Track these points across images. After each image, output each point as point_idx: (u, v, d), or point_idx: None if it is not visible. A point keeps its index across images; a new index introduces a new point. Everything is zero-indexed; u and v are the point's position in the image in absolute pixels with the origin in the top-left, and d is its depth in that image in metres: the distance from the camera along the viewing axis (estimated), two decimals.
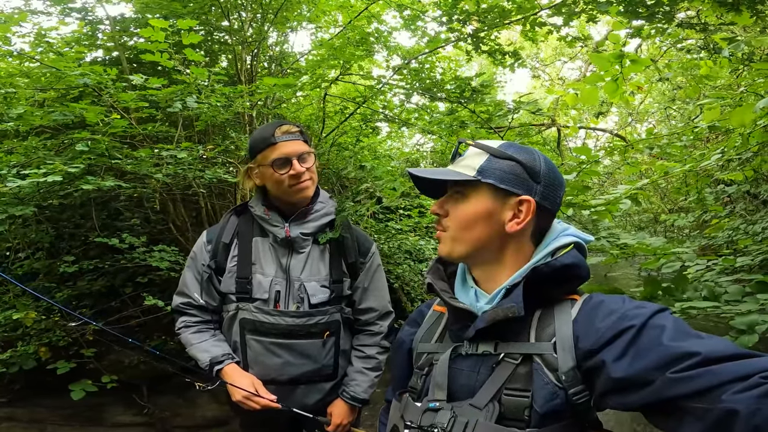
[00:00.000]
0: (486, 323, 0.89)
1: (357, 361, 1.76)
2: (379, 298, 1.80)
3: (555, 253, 0.92)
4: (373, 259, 1.81)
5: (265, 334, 1.62)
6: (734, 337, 1.70)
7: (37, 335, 3.19)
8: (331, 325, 1.67)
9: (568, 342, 0.83)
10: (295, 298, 1.64)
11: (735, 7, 2.05)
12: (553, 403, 0.81)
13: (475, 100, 2.30)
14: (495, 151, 0.95)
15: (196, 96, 2.41)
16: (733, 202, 4.70)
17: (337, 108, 3.57)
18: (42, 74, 2.52)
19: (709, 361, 0.68)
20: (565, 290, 0.92)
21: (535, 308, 0.90)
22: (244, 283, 1.64)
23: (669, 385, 0.69)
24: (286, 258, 1.67)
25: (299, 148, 1.63)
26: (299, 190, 1.64)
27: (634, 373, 0.73)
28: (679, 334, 0.74)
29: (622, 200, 2.35)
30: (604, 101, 6.40)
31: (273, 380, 1.63)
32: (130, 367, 3.98)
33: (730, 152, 2.32)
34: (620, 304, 0.84)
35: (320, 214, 1.72)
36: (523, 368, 0.85)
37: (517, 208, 0.93)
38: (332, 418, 1.67)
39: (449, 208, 0.98)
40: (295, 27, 4.00)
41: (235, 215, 1.77)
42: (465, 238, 0.95)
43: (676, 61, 5.80)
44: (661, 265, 2.32)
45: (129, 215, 3.75)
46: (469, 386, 0.90)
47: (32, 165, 2.58)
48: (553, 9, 2.39)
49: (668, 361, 0.71)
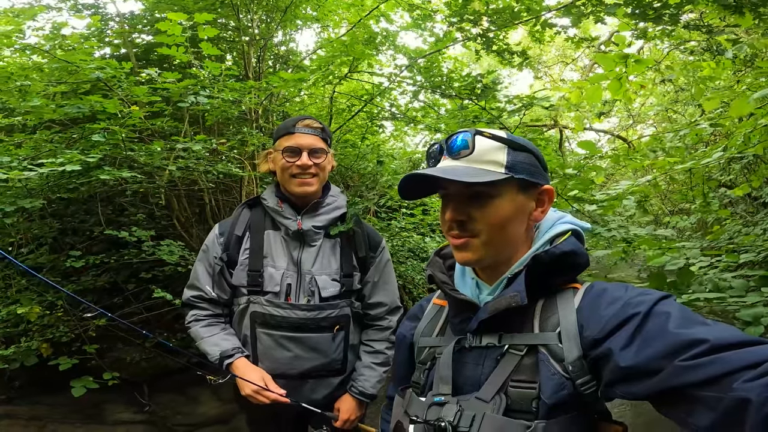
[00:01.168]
0: (489, 314, 0.88)
1: (365, 356, 1.76)
2: (388, 293, 1.81)
3: (553, 241, 0.92)
4: (383, 254, 1.82)
5: (276, 327, 1.62)
6: (740, 329, 1.73)
7: (39, 331, 3.17)
8: (341, 319, 1.68)
9: (573, 331, 0.82)
10: (306, 291, 1.64)
11: (738, 9, 2.10)
12: (560, 393, 0.80)
13: (486, 97, 2.33)
14: (512, 143, 0.91)
15: (209, 90, 2.43)
16: (734, 205, 4.75)
17: (344, 106, 3.61)
18: (54, 68, 2.54)
19: (718, 349, 0.67)
20: (566, 278, 0.91)
21: (538, 298, 0.89)
22: (255, 276, 1.64)
23: (678, 374, 0.68)
24: (297, 251, 1.68)
25: (313, 143, 1.64)
26: (300, 183, 1.64)
27: (641, 361, 0.72)
28: (685, 321, 0.73)
29: (626, 196, 2.39)
30: (606, 101, 6.46)
31: (283, 374, 1.63)
32: (132, 364, 3.97)
33: (731, 150, 2.36)
34: (623, 292, 0.83)
35: (331, 208, 1.74)
36: (529, 359, 0.84)
37: (538, 198, 0.93)
38: (340, 413, 1.67)
39: (472, 211, 0.90)
40: (302, 25, 4.04)
41: (248, 208, 1.78)
42: (500, 240, 0.91)
43: (678, 63, 5.86)
44: (665, 262, 2.35)
45: (134, 210, 3.76)
46: (473, 379, 0.89)
47: (42, 158, 2.59)
48: (562, 10, 2.44)
49: (676, 349, 0.69)
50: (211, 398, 4.02)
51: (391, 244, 4.41)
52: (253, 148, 3.01)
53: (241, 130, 3.05)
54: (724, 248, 2.94)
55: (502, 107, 2.40)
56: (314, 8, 3.96)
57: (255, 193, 3.56)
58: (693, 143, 3.37)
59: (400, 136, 5.36)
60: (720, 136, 4.14)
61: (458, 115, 2.41)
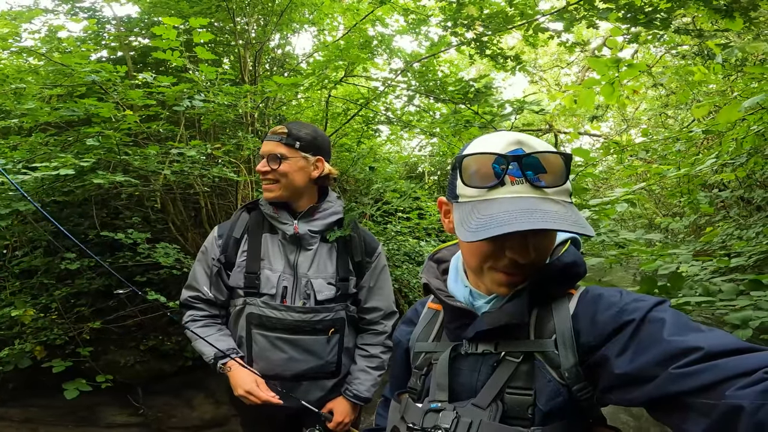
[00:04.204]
0: (487, 327, 0.87)
1: (360, 360, 1.78)
2: (384, 298, 1.82)
3: (553, 252, 0.91)
4: (379, 259, 1.84)
5: (271, 328, 1.64)
6: (728, 332, 1.75)
7: (33, 333, 3.17)
8: (336, 322, 1.70)
9: (568, 338, 0.82)
10: (302, 294, 1.66)
11: (729, 13, 2.13)
12: (556, 400, 0.81)
13: (479, 101, 2.35)
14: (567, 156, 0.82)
15: (204, 95, 2.44)
16: (727, 208, 4.78)
17: (340, 110, 3.62)
18: (50, 71, 2.54)
19: (712, 356, 0.67)
20: (564, 288, 0.90)
21: (534, 305, 0.89)
22: (252, 278, 1.66)
23: (672, 381, 0.68)
24: (294, 254, 1.70)
25: (272, 149, 1.66)
26: (264, 189, 1.69)
27: (636, 368, 0.72)
28: (679, 328, 0.73)
29: (620, 202, 2.41)
30: (599, 106, 6.51)
31: (277, 375, 1.65)
32: (126, 367, 3.95)
33: (724, 156, 2.39)
34: (618, 297, 0.83)
35: (328, 213, 1.75)
36: (525, 366, 0.84)
37: None
38: (334, 415, 1.69)
39: (533, 248, 0.83)
40: (298, 29, 4.05)
41: (247, 212, 1.80)
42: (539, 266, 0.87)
43: (670, 67, 5.91)
44: (657, 267, 2.37)
45: (129, 214, 3.76)
46: (469, 386, 0.89)
47: (36, 161, 2.59)
48: (555, 15, 2.47)
49: (670, 357, 0.69)
50: (206, 401, 4.00)
51: (387, 248, 4.42)
52: (248, 152, 3.02)
53: (236, 134, 3.06)
54: (717, 252, 2.97)
55: (494, 110, 2.42)
56: (310, 11, 3.98)
57: (251, 196, 3.57)
58: (687, 148, 3.40)
59: (396, 139, 5.37)
60: (713, 141, 4.18)
61: (451, 119, 2.43)
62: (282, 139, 1.66)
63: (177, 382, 4.00)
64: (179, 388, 4.00)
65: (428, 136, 3.23)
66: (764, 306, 1.74)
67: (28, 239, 3.41)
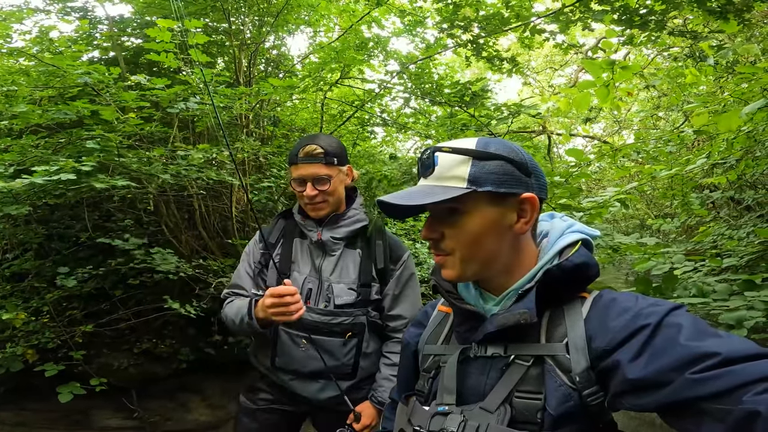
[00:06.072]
0: (496, 328, 0.86)
1: (384, 368, 1.82)
2: (409, 307, 1.85)
3: (563, 252, 0.90)
4: (405, 267, 1.86)
5: (294, 326, 1.72)
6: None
7: (25, 337, 3.13)
8: (355, 326, 1.75)
9: (581, 342, 0.81)
10: (324, 297, 1.75)
11: (722, 15, 2.15)
12: (566, 405, 0.79)
13: (475, 104, 2.35)
14: (478, 153, 0.87)
15: (200, 97, 2.42)
16: (718, 209, 4.83)
17: (335, 111, 3.61)
18: (41, 72, 2.51)
19: (730, 362, 0.66)
20: (575, 290, 0.89)
21: (545, 308, 0.87)
22: (282, 279, 1.72)
23: (688, 387, 0.67)
24: (319, 259, 1.79)
25: (316, 171, 1.71)
26: (312, 209, 1.76)
27: (650, 373, 0.71)
28: (697, 333, 0.71)
29: (612, 203, 2.43)
30: (592, 108, 6.56)
31: (295, 371, 1.74)
32: (120, 370, 3.91)
33: (715, 157, 2.41)
34: (634, 302, 0.81)
35: (352, 220, 1.81)
36: (535, 370, 0.83)
37: (519, 207, 0.88)
38: (362, 417, 1.74)
39: (444, 229, 0.89)
40: (293, 30, 4.03)
41: (283, 218, 1.91)
42: (476, 257, 0.88)
43: (662, 69, 5.97)
44: (651, 267, 2.39)
45: (122, 216, 3.72)
46: (478, 389, 0.87)
47: (27, 164, 2.56)
48: (550, 17, 2.48)
49: (687, 362, 0.68)
50: (202, 404, 3.98)
51: None
52: (244, 154, 3.00)
53: (231, 135, 3.04)
54: (708, 252, 3.00)
55: (490, 113, 2.42)
56: (306, 12, 3.96)
57: (245, 199, 3.56)
58: (678, 149, 3.43)
59: (392, 141, 5.37)
60: (704, 141, 4.22)
61: (447, 122, 2.43)
62: (322, 159, 1.72)
63: (172, 385, 3.98)
64: (174, 391, 3.98)
65: (423, 138, 3.23)
66: (758, 306, 1.77)
67: (18, 242, 3.37)
